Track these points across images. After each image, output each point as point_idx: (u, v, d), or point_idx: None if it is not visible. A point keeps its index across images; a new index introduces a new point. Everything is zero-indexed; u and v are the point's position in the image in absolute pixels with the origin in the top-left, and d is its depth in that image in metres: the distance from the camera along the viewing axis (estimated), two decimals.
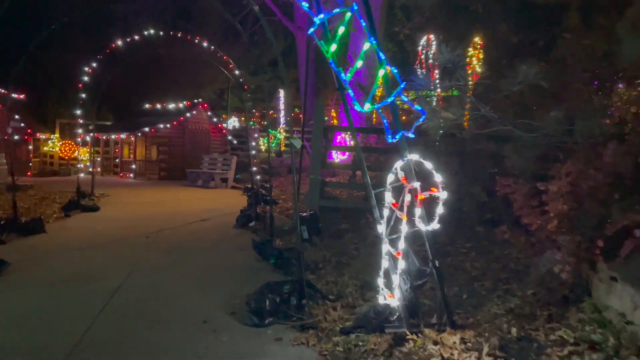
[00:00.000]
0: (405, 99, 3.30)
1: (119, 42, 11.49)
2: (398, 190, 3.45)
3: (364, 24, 3.27)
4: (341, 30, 3.27)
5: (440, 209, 3.31)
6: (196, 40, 12.01)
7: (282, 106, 23.07)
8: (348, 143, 16.01)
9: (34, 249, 6.91)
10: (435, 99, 6.89)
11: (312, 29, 3.34)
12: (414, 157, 3.38)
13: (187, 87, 31.01)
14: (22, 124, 20.07)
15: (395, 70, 3.27)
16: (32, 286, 5.15)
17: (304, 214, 7.31)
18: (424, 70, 13.98)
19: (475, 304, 4.12)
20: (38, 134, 20.89)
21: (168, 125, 19.29)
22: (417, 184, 3.34)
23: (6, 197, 11.50)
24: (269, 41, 36.49)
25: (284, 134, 22.19)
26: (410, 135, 3.40)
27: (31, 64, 28.05)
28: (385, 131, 3.41)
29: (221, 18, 33.24)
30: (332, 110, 24.08)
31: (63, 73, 26.18)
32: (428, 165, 3.32)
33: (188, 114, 19.99)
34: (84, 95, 11.34)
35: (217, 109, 25.76)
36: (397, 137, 3.40)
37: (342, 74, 3.28)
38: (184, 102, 21.35)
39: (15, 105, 21.52)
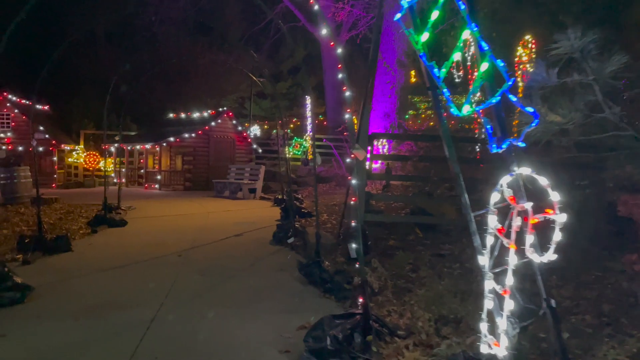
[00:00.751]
0: (514, 99, 2.63)
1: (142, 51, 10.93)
2: (502, 212, 2.78)
3: (462, 6, 2.62)
4: (434, 15, 2.63)
5: (557, 236, 2.64)
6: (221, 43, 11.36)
7: (308, 113, 22.48)
8: (381, 151, 15.31)
9: (60, 271, 6.38)
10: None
11: (399, 15, 2.70)
12: (524, 170, 2.71)
13: (209, 96, 30.79)
14: (47, 135, 19.88)
15: (502, 64, 2.60)
16: (57, 317, 4.59)
17: (349, 229, 6.67)
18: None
19: (584, 346, 3.41)
20: (62, 145, 20.69)
21: (193, 135, 18.89)
22: (528, 205, 2.67)
23: (31, 212, 11.15)
24: (289, 49, 36.38)
25: (310, 141, 21.59)
26: (520, 144, 2.73)
27: (55, 75, 28.13)
28: (488, 139, 2.75)
29: (242, 27, 33.18)
30: (354, 117, 23.48)
31: (87, 83, 26.12)
32: (542, 180, 2.65)
33: (213, 123, 19.57)
34: (107, 104, 10.91)
35: (238, 118, 25.38)
36: (504, 146, 2.74)
37: (435, 69, 2.63)
38: (209, 111, 20.96)
39: (40, 116, 21.40)
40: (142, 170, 20.80)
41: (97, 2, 30.94)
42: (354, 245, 6.24)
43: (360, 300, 4.00)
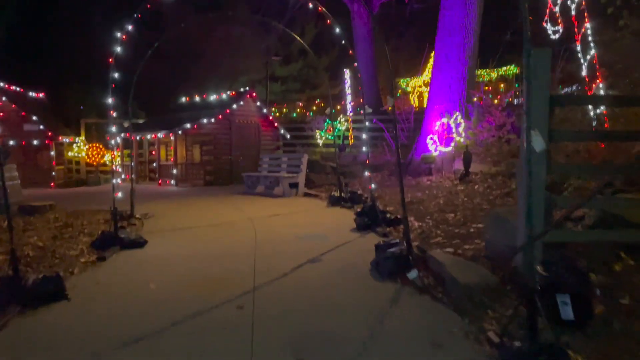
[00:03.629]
0: None
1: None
2: None
3: None
4: None
5: None
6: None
7: (348, 90, 19.50)
8: (454, 130, 12.37)
9: (44, 349, 3.63)
10: None
11: None
12: None
13: (221, 78, 27.86)
14: (42, 127, 17.07)
15: None
16: None
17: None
18: None
19: None
20: (60, 138, 17.88)
21: (212, 120, 16.08)
22: None
23: (17, 225, 8.42)
24: (300, 29, 33.32)
25: (351, 124, 18.67)
26: None
27: (50, 60, 25.24)
28: None
29: (252, 6, 30.04)
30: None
31: (85, 65, 23.22)
32: None
33: (234, 106, 16.72)
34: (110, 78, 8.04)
35: None
36: None
37: None
38: (228, 92, 18.06)
39: (33, 105, 18.59)
40: (154, 164, 17.99)
41: None
42: (564, 300, 3.46)
43: None
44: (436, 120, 12.89)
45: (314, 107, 26.24)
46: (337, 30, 8.06)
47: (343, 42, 8.22)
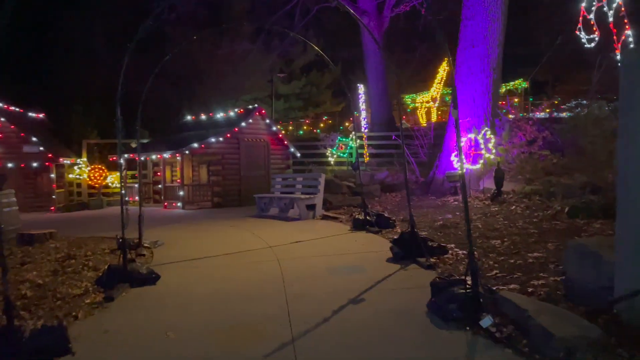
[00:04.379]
0: None
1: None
2: None
3: None
4: None
5: None
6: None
7: (362, 105, 18.83)
8: (482, 145, 11.61)
9: None
10: None
11: None
12: None
13: (225, 97, 27.28)
14: (41, 148, 16.36)
15: None
16: None
17: None
18: None
19: None
20: (61, 159, 17.16)
21: (220, 139, 15.36)
22: None
23: (15, 258, 7.67)
24: (302, 47, 32.81)
25: (365, 141, 17.96)
26: None
27: (52, 82, 24.69)
28: None
29: (254, 23, 29.55)
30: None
31: (88, 90, 22.64)
32: None
33: (243, 124, 16.02)
34: (119, 94, 7.29)
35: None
36: None
37: None
38: (236, 110, 17.39)
39: (33, 125, 17.90)
40: (159, 186, 17.24)
41: (95, 6, 27.65)
42: None
43: None
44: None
45: (322, 124, 25.58)
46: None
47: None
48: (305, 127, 27.34)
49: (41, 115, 18.82)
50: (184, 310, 5.01)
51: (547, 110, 21.38)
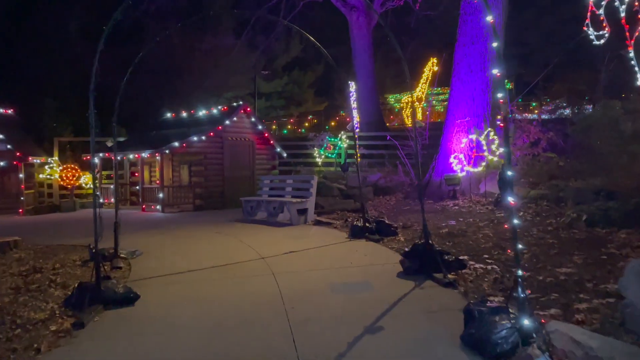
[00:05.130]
0: None
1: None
2: None
3: None
4: None
5: None
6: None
7: (354, 104, 18.11)
8: (485, 147, 11.01)
9: None
10: None
11: None
12: None
13: (207, 94, 26.34)
14: (9, 146, 15.25)
15: None
16: None
17: None
18: None
19: None
20: (30, 158, 16.04)
21: (203, 138, 14.50)
22: None
23: None
24: (285, 44, 32.08)
25: (348, 141, 17.26)
26: None
27: (22, 75, 23.35)
28: None
29: (236, 21, 28.66)
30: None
31: (60, 80, 21.43)
32: None
33: (227, 122, 15.19)
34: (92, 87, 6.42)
35: None
36: None
37: None
38: (219, 107, 16.52)
39: (1, 121, 16.73)
40: (137, 187, 16.26)
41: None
42: None
43: None
44: (457, 136, 11.57)
45: (307, 124, 24.83)
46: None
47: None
48: (289, 127, 26.53)
49: (10, 111, 17.64)
50: (167, 340, 4.22)
51: (536, 112, 21.00)
